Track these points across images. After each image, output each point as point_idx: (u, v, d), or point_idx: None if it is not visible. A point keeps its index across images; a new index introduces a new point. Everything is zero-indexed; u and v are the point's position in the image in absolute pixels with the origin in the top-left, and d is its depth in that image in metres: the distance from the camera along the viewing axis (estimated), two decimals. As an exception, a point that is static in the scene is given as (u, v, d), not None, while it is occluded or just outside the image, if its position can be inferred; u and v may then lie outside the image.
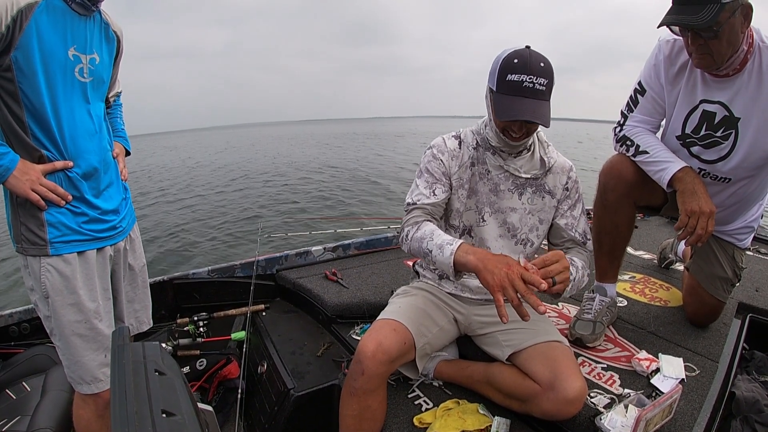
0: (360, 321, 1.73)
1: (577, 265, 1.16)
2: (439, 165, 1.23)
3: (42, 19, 0.95)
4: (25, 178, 0.98)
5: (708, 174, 1.31)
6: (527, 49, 1.06)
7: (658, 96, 1.33)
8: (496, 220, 1.24)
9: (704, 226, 1.20)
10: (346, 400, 1.10)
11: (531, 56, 1.04)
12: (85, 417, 1.16)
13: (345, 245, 2.36)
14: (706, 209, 1.20)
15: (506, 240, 1.25)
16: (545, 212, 1.26)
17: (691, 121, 1.28)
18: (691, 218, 1.21)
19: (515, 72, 1.04)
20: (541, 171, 1.23)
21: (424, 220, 1.19)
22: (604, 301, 1.52)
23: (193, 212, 8.18)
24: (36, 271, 1.04)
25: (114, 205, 1.17)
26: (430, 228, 1.14)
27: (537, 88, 1.04)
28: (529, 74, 1.03)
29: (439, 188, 1.22)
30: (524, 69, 1.03)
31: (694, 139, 1.29)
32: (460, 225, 1.26)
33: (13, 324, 1.71)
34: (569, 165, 1.27)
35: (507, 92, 1.06)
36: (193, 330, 1.71)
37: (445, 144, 1.25)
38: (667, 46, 1.27)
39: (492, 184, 1.23)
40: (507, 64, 1.05)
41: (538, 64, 1.04)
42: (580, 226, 1.26)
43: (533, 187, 1.23)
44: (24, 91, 0.97)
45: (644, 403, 1.09)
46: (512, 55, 1.05)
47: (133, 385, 0.55)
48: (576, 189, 1.27)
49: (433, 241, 1.08)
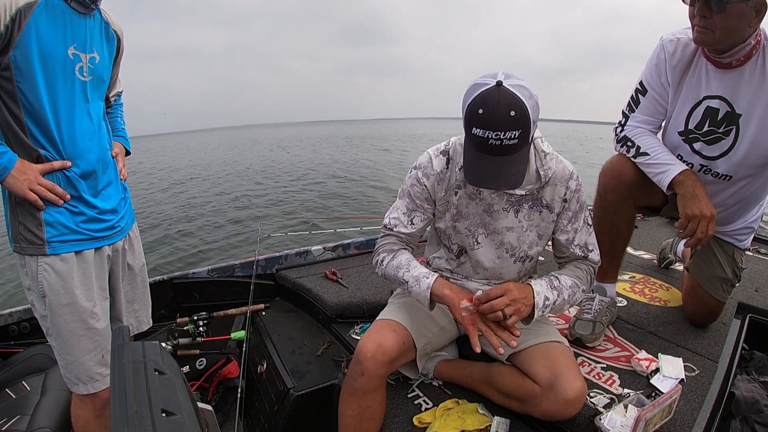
0: (360, 320, 1.73)
1: (562, 284, 1.12)
2: (422, 191, 1.17)
3: (41, 19, 0.95)
4: (23, 177, 0.98)
5: (709, 171, 1.30)
6: (497, 87, 0.89)
7: (660, 96, 1.32)
8: (493, 241, 1.18)
9: (704, 230, 1.19)
10: (346, 400, 1.10)
11: (499, 104, 0.88)
12: (83, 417, 1.16)
13: (345, 245, 2.36)
14: (707, 213, 1.19)
15: (504, 260, 1.20)
16: (543, 227, 1.18)
17: (694, 116, 1.27)
18: (691, 222, 1.21)
19: (479, 126, 0.91)
20: (537, 185, 1.12)
21: (399, 248, 1.21)
22: (603, 301, 1.52)
23: (194, 212, 8.18)
24: (33, 271, 1.04)
25: (112, 205, 1.17)
26: (406, 258, 1.17)
27: (505, 143, 0.91)
28: (495, 130, 0.90)
29: (418, 217, 1.19)
30: (489, 124, 0.90)
31: (697, 134, 1.28)
32: (453, 246, 1.23)
33: (12, 323, 1.71)
34: (569, 172, 1.14)
35: (472, 146, 0.96)
36: (192, 329, 1.71)
37: (431, 164, 1.15)
38: (671, 45, 1.25)
39: (485, 205, 1.14)
40: (472, 115, 0.91)
41: (506, 114, 0.89)
42: (580, 239, 1.18)
43: (529, 203, 1.14)
44: (22, 91, 0.96)
45: (644, 403, 1.09)
46: (478, 102, 0.90)
47: (133, 384, 0.55)
48: (576, 199, 1.15)
49: (410, 273, 1.12)
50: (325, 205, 8.38)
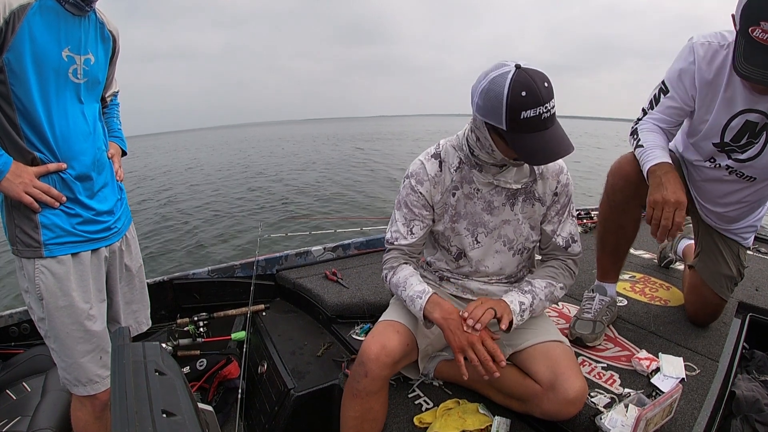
0: (360, 321, 1.73)
1: (535, 287, 1.15)
2: (418, 198, 1.18)
3: (35, 21, 0.94)
4: (18, 180, 0.98)
5: (734, 171, 1.28)
6: (520, 69, 0.93)
7: (682, 101, 1.27)
8: (492, 238, 1.20)
9: (669, 217, 1.14)
10: (348, 401, 1.10)
11: (535, 81, 0.93)
12: (83, 418, 1.16)
13: (345, 245, 2.36)
14: (670, 198, 1.14)
15: (503, 254, 1.22)
16: (535, 219, 1.21)
17: (730, 129, 1.21)
18: (655, 209, 1.16)
19: (528, 107, 0.92)
20: (531, 178, 1.16)
21: (399, 264, 1.22)
22: (604, 301, 1.52)
23: (194, 212, 8.18)
24: (30, 273, 1.03)
25: (109, 206, 1.16)
26: (404, 275, 1.18)
27: (552, 113, 0.96)
28: (544, 104, 0.93)
29: (417, 225, 1.20)
30: (537, 101, 0.92)
31: (734, 147, 1.24)
32: (452, 248, 1.24)
33: (13, 324, 1.71)
34: (559, 166, 1.18)
35: (526, 131, 0.96)
36: (193, 330, 1.71)
37: (424, 170, 1.17)
38: (702, 48, 1.18)
39: (484, 203, 1.17)
40: (516, 101, 0.93)
41: (544, 86, 0.93)
42: (564, 230, 1.21)
43: (523, 196, 1.18)
44: (16, 94, 0.96)
45: (644, 403, 1.10)
46: (516, 87, 0.92)
47: (134, 385, 0.55)
48: (565, 192, 1.19)
49: (406, 292, 1.14)
50: (326, 205, 8.38)
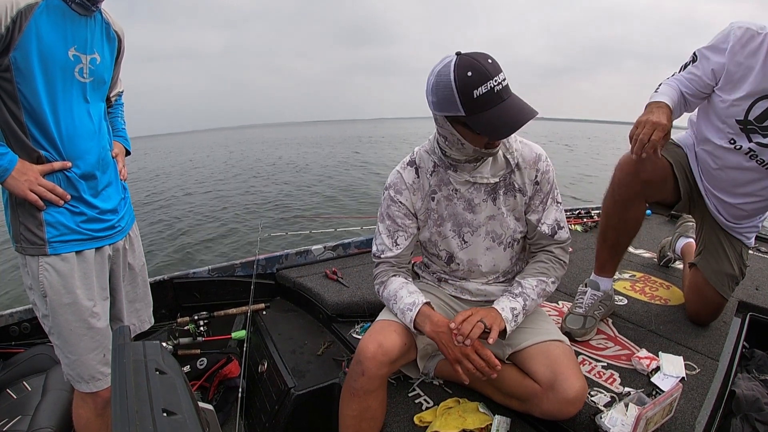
0: (360, 320, 1.73)
1: (525, 289, 1.15)
2: (399, 208, 1.20)
3: (42, 20, 0.95)
4: (24, 178, 0.99)
5: (756, 157, 1.30)
6: (465, 56, 0.97)
7: (704, 72, 1.32)
8: (479, 236, 1.20)
9: (648, 132, 1.20)
10: (347, 400, 1.10)
11: (478, 60, 0.96)
12: (85, 416, 1.17)
13: (345, 244, 2.36)
14: (652, 119, 1.21)
15: (494, 250, 1.22)
16: (519, 210, 1.21)
17: (757, 108, 1.26)
18: (638, 128, 1.22)
19: (478, 84, 0.95)
20: (508, 170, 1.16)
21: (389, 277, 1.22)
22: (596, 296, 1.51)
23: (193, 212, 8.18)
24: (34, 270, 1.04)
25: (113, 205, 1.17)
26: (394, 288, 1.19)
27: (504, 84, 0.97)
28: (492, 77, 0.95)
29: (401, 236, 1.21)
30: (485, 76, 0.95)
31: (756, 127, 1.27)
32: (441, 253, 1.24)
33: (13, 323, 1.71)
34: (536, 154, 1.17)
35: (483, 108, 0.97)
36: (193, 329, 1.71)
37: (401, 179, 1.20)
38: (740, 31, 1.24)
39: (464, 202, 1.18)
40: (464, 82, 0.95)
41: (488, 62, 0.96)
42: (549, 217, 1.20)
43: (503, 188, 1.18)
44: (22, 92, 0.97)
45: (644, 402, 1.10)
46: (461, 70, 0.95)
47: (134, 384, 0.55)
48: (547, 180, 1.19)
49: (397, 305, 1.15)
50: (326, 205, 8.38)
